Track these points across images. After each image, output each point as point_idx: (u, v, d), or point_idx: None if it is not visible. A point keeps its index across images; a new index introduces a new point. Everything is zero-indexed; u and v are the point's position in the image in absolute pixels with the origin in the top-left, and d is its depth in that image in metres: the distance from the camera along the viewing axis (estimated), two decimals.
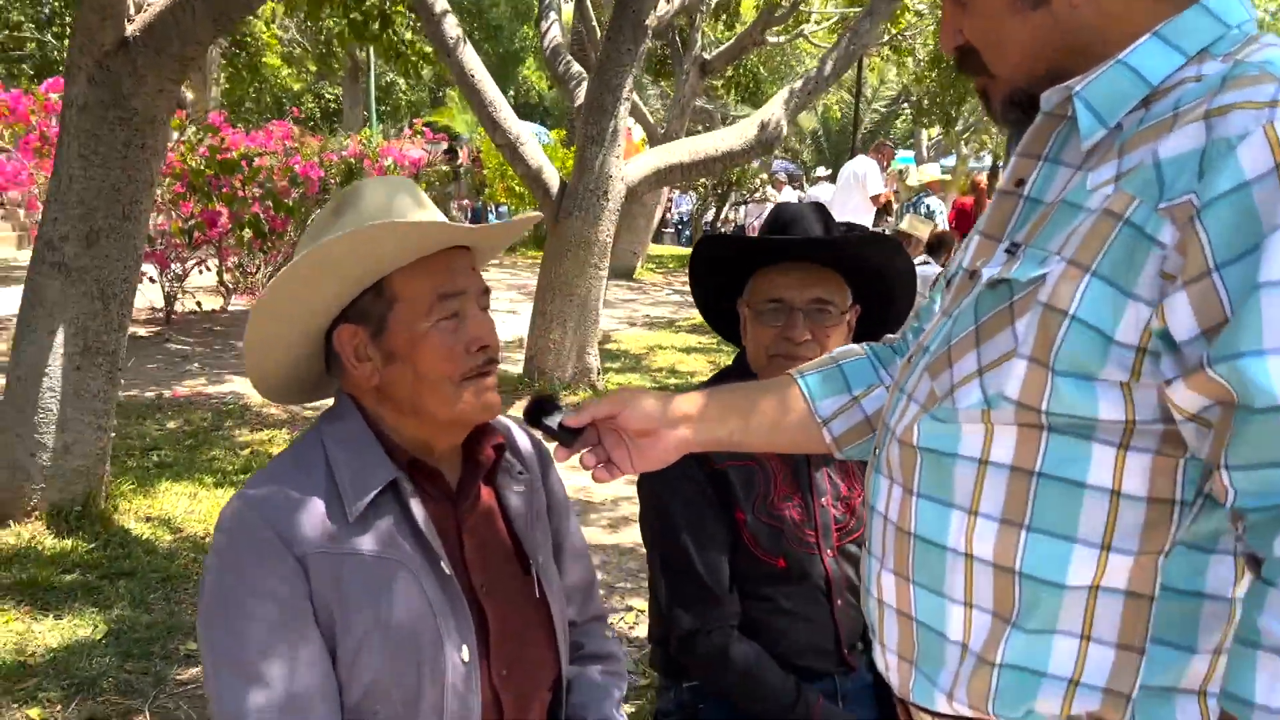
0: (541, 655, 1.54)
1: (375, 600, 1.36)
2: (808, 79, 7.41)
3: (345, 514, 1.37)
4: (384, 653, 1.35)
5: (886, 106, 26.02)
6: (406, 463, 1.44)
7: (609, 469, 1.37)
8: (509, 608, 1.49)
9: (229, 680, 1.31)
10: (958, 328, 1.08)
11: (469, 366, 1.41)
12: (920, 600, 1.10)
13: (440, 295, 1.39)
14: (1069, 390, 0.97)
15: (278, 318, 1.43)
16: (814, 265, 1.98)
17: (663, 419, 1.33)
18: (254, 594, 1.32)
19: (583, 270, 6.67)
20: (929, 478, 1.07)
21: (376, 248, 1.35)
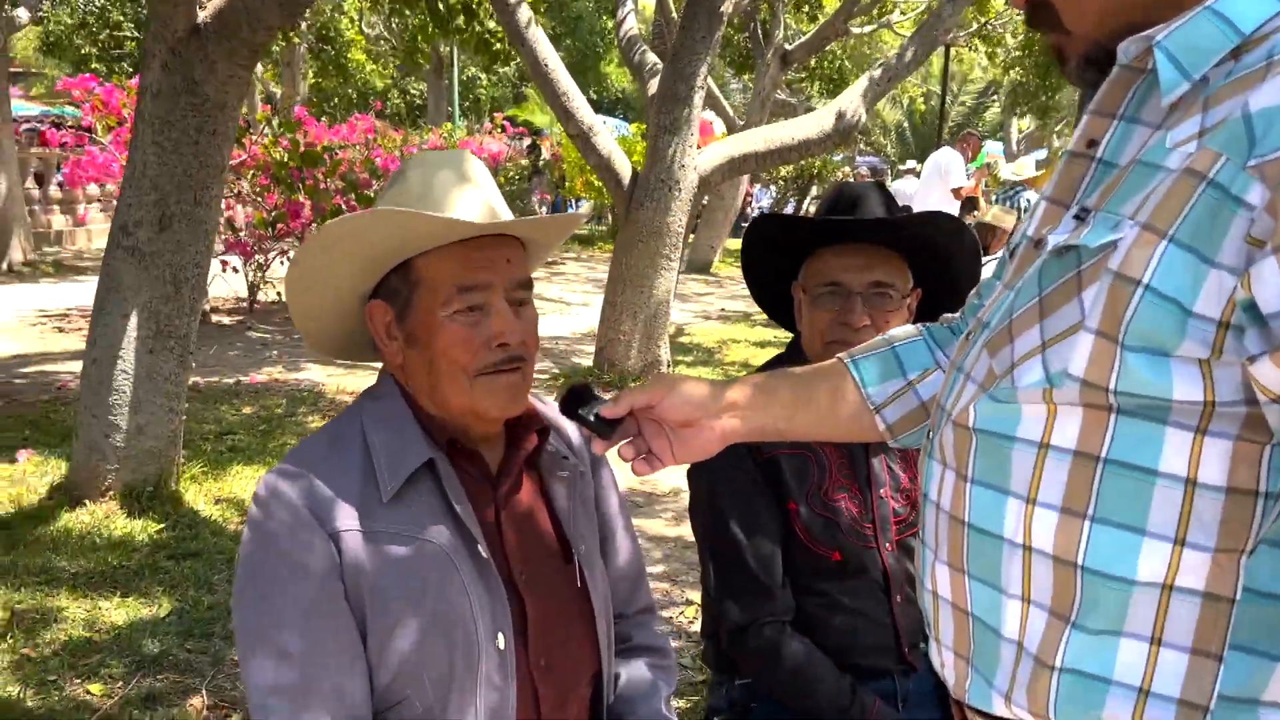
0: (582, 647, 1.49)
1: (408, 582, 1.32)
2: (887, 66, 7.22)
3: (380, 494, 1.34)
4: (416, 636, 1.31)
5: (975, 98, 25.39)
6: (445, 443, 1.40)
7: (649, 461, 1.30)
8: (549, 596, 1.45)
9: (257, 654, 1.29)
10: (1020, 300, 1.00)
11: (486, 362, 1.36)
12: (975, 594, 1.03)
13: (460, 287, 1.35)
14: (1140, 367, 0.89)
15: (307, 290, 1.42)
16: (874, 247, 1.89)
17: (705, 408, 1.27)
18: (285, 569, 1.30)
19: (653, 261, 6.60)
20: (985, 463, 1.00)
21: (381, 233, 1.32)
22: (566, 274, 13.71)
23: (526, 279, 1.43)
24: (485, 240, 1.37)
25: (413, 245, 1.35)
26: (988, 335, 1.04)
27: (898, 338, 1.36)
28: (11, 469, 4.74)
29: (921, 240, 1.90)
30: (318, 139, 8.98)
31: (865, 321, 1.84)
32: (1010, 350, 0.99)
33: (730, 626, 1.87)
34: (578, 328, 9.61)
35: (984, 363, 1.03)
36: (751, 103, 12.89)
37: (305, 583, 1.30)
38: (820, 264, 1.92)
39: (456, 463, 1.41)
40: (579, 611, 1.49)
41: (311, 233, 8.97)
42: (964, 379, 1.07)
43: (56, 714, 2.80)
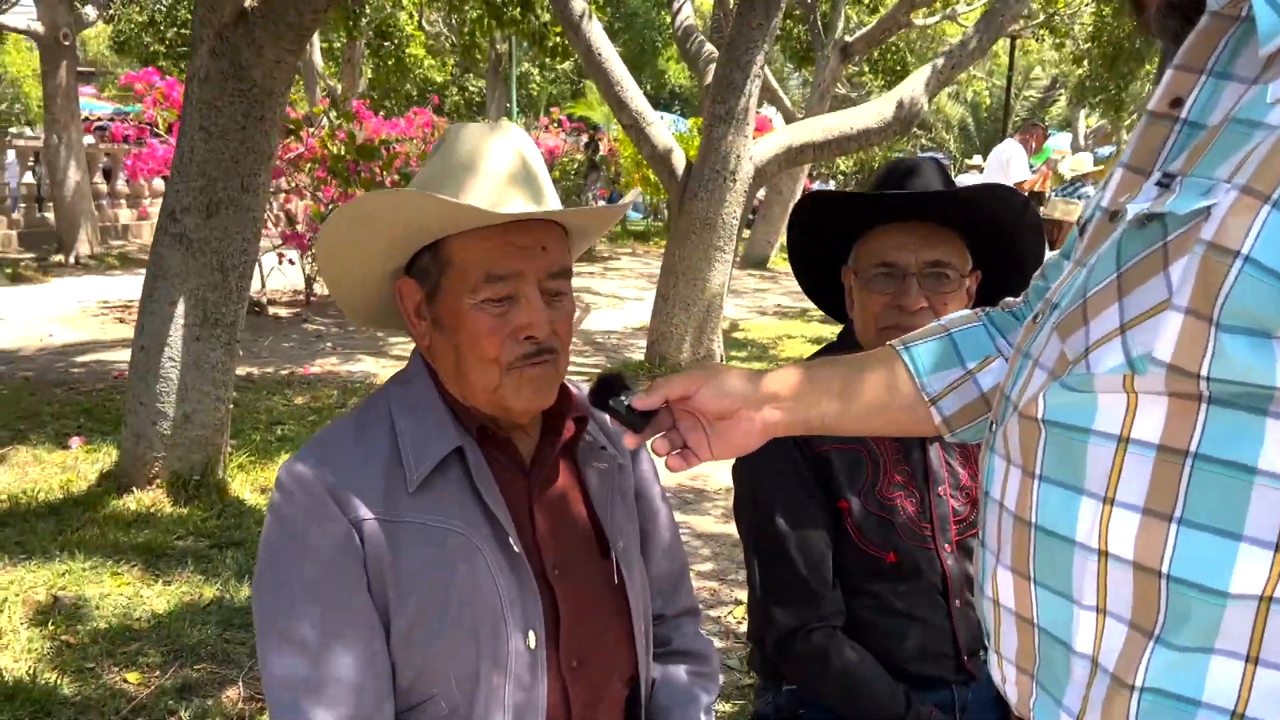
0: (617, 648, 1.41)
1: (434, 574, 1.26)
2: (951, 54, 7.02)
3: (406, 482, 1.28)
4: (441, 632, 1.26)
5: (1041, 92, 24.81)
6: (475, 430, 1.33)
7: (684, 456, 1.22)
8: (583, 593, 1.37)
9: (274, 645, 1.24)
10: (1095, 277, 0.91)
11: (514, 354, 1.29)
12: (1043, 603, 0.94)
13: (489, 275, 1.28)
14: (1238, 351, 0.79)
15: (337, 262, 1.37)
16: (930, 224, 1.77)
17: (745, 399, 1.18)
18: (304, 558, 1.25)
19: (707, 253, 6.48)
20: (1055, 458, 0.91)
21: (408, 214, 1.26)
22: (621, 269, 13.66)
23: (563, 268, 1.34)
24: (522, 225, 1.29)
25: (441, 228, 1.28)
26: (1058, 316, 0.95)
27: (954, 323, 1.27)
28: (64, 455, 4.78)
29: (982, 217, 1.78)
30: (375, 133, 9.01)
31: (922, 304, 1.72)
32: (1084, 333, 0.90)
33: (776, 631, 1.77)
34: (630, 322, 9.53)
35: (1054, 347, 0.94)
36: (810, 96, 12.71)
37: (324, 572, 1.24)
38: (873, 244, 1.80)
39: (487, 451, 1.34)
40: (615, 609, 1.41)
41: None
42: (1031, 365, 0.97)
43: (92, 703, 2.77)
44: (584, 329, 9.27)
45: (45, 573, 3.51)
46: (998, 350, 1.23)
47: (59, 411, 5.54)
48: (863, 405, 1.22)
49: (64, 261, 11.76)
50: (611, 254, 15.19)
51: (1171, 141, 0.92)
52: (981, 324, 1.26)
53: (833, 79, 12.36)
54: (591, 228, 1.46)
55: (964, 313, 1.29)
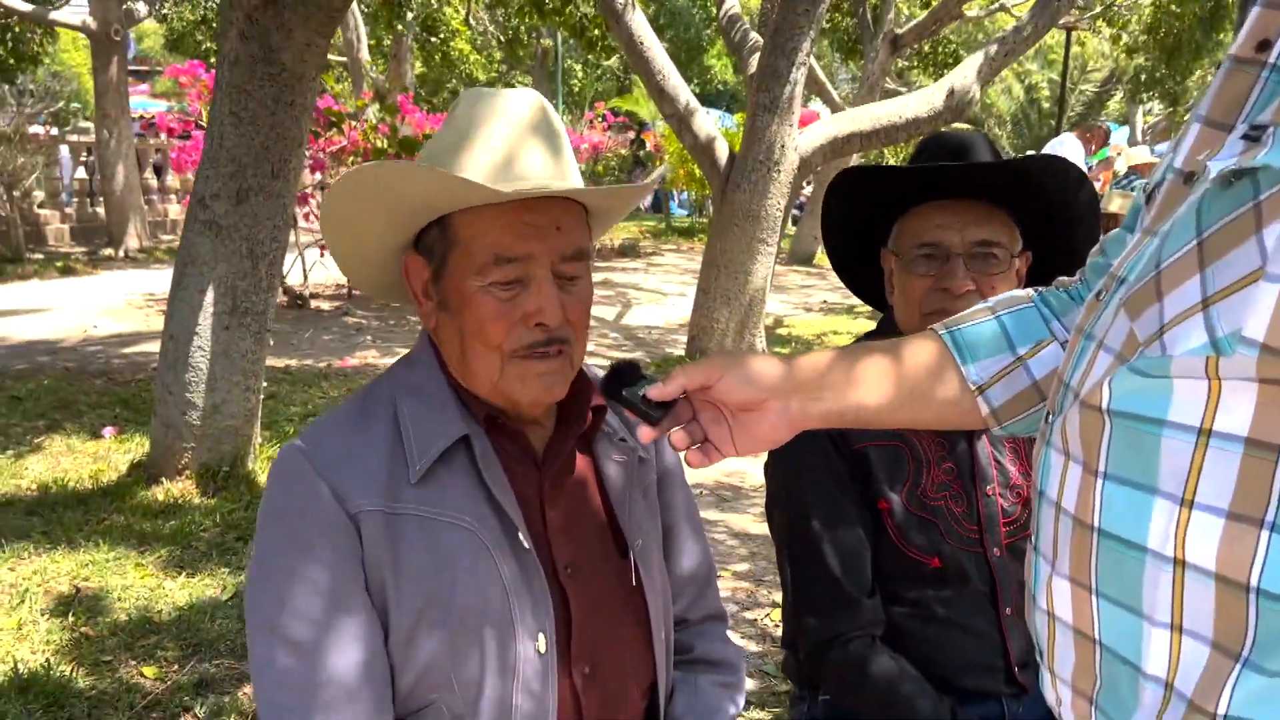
0: (634, 654, 1.33)
1: (436, 571, 1.18)
2: (1004, 41, 6.79)
3: (409, 472, 1.20)
4: (444, 633, 1.18)
5: (1098, 87, 24.23)
6: (483, 418, 1.25)
7: (706, 451, 1.12)
8: (597, 594, 1.29)
9: (264, 644, 1.17)
10: (1170, 246, 0.81)
11: (521, 343, 1.20)
12: (1106, 618, 0.85)
13: (497, 257, 1.18)
14: None
15: (340, 235, 1.29)
16: (976, 202, 1.63)
17: (771, 388, 1.08)
18: (299, 551, 1.17)
19: (750, 246, 6.32)
20: (1123, 453, 0.82)
21: (410, 189, 1.18)
22: (665, 265, 13.54)
23: (579, 249, 1.24)
24: (535, 203, 1.19)
25: (444, 204, 1.20)
26: (1126, 292, 0.85)
27: (1004, 304, 1.16)
28: (97, 445, 4.76)
29: (1033, 192, 1.64)
30: (419, 127, 8.96)
31: (968, 286, 1.59)
32: (1158, 309, 0.80)
33: (810, 640, 1.66)
34: (672, 318, 9.41)
35: (1122, 327, 0.84)
36: (859, 90, 12.49)
37: (319, 567, 1.16)
38: (915, 222, 1.67)
39: (496, 441, 1.26)
40: (632, 613, 1.33)
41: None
42: (1095, 348, 0.88)
43: (106, 697, 2.70)
44: (625, 324, 9.16)
45: (69, 563, 3.46)
46: (1052, 334, 1.12)
47: (96, 402, 5.54)
48: (901, 395, 1.11)
49: (113, 255, 11.90)
50: (656, 250, 15.08)
51: (1259, 90, 0.82)
52: (1034, 305, 1.15)
53: (882, 72, 12.14)
54: (614, 208, 1.35)
55: (1014, 293, 1.19)
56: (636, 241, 15.43)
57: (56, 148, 13.30)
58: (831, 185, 1.77)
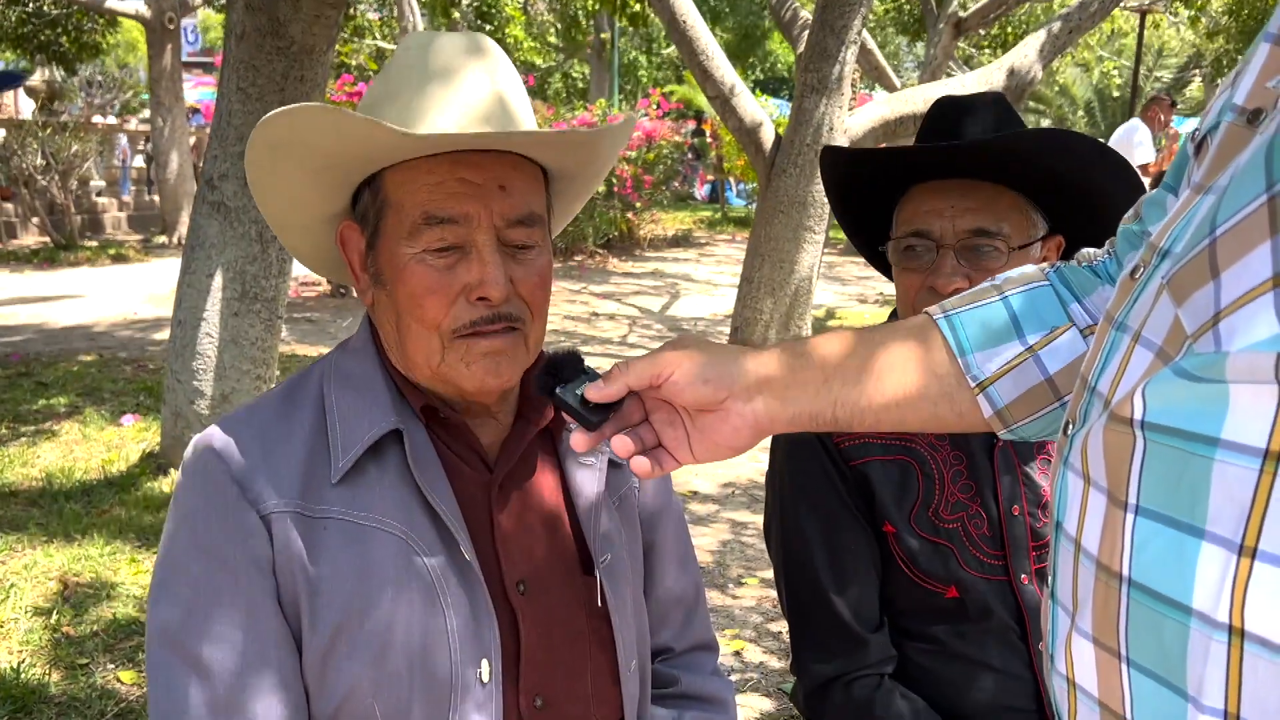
0: (598, 686, 1.16)
1: (357, 583, 1.03)
2: (1069, 18, 6.41)
3: (331, 472, 1.05)
4: (366, 656, 1.02)
5: (1175, 72, 23.34)
6: (421, 410, 1.10)
7: (657, 458, 0.95)
8: (554, 616, 1.13)
9: (162, 663, 1.03)
10: (1230, 204, 0.63)
11: (461, 320, 1.05)
12: (1140, 695, 0.67)
13: (427, 217, 1.04)
14: None
15: (270, 201, 1.14)
16: (978, 183, 1.41)
17: (731, 386, 0.92)
18: (200, 557, 1.03)
19: (795, 233, 6.05)
20: (1161, 481, 0.65)
21: (322, 138, 1.02)
22: (718, 255, 13.31)
23: (530, 213, 1.08)
24: (472, 157, 1.04)
25: (364, 156, 1.04)
26: (1171, 267, 0.68)
27: (1012, 283, 0.99)
28: (114, 433, 4.67)
29: (1039, 171, 1.39)
30: None
31: (958, 284, 1.38)
32: (1213, 290, 0.63)
33: (810, 681, 1.49)
34: (719, 310, 9.17)
35: (1165, 313, 0.68)
36: (922, 74, 12.10)
37: (224, 576, 1.02)
38: (909, 208, 1.47)
39: (438, 437, 1.12)
40: (595, 639, 1.16)
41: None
42: (1130, 342, 0.72)
43: (77, 702, 2.56)
44: (671, 315, 8.94)
45: (62, 558, 3.35)
46: (1070, 318, 0.95)
47: (121, 389, 5.48)
48: (887, 393, 0.94)
49: (166, 243, 12.01)
50: (710, 240, 14.87)
51: None
52: (1049, 284, 0.98)
53: (945, 56, 11.74)
54: (577, 171, 1.16)
55: (1026, 269, 1.01)
56: (690, 232, 15.21)
57: (115, 136, 13.48)
58: (821, 167, 1.56)
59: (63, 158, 11.28)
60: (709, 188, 20.98)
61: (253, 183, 1.12)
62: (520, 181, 1.07)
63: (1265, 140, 0.62)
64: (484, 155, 1.05)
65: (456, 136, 1.01)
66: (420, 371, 1.10)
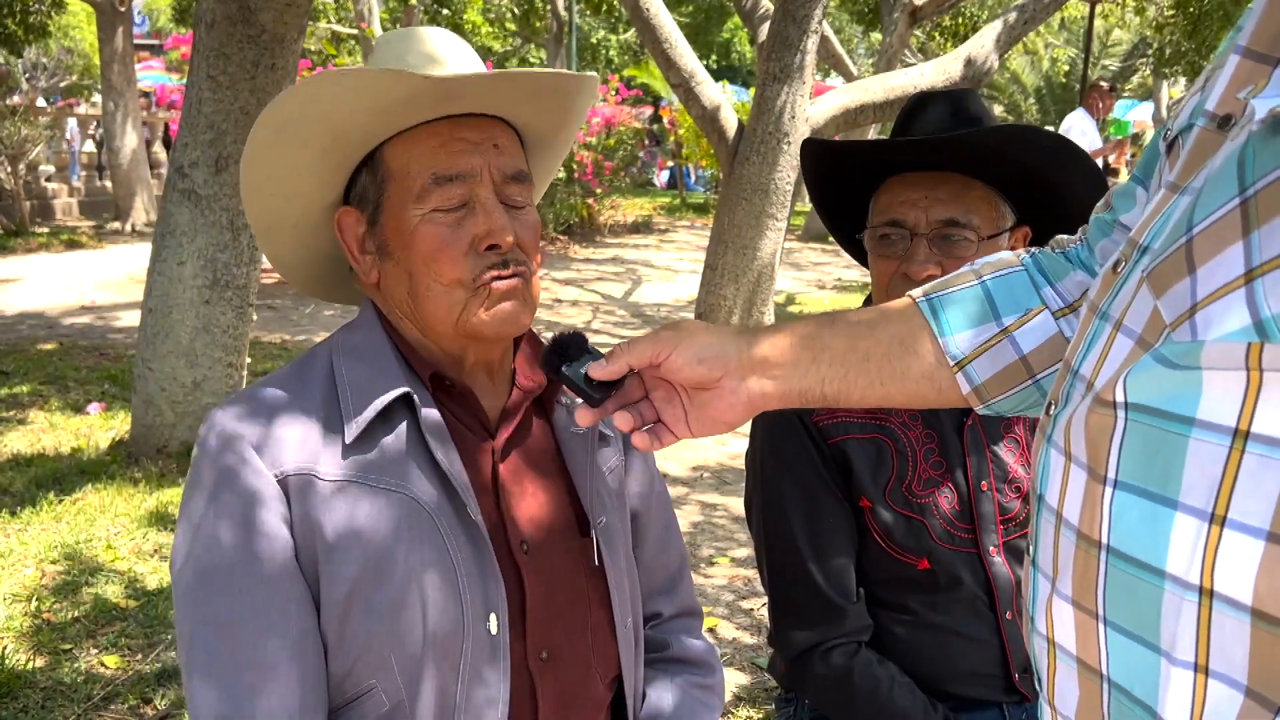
0: (597, 641, 1.23)
1: (374, 540, 1.09)
2: (1024, 8, 6.55)
3: (344, 435, 1.11)
4: (381, 610, 1.08)
5: (1121, 61, 23.77)
6: (429, 378, 1.17)
7: (657, 433, 1.03)
8: (556, 574, 1.20)
9: (188, 625, 1.08)
10: (1206, 205, 0.69)
11: (475, 270, 1.12)
12: (1116, 651, 0.73)
13: (435, 177, 1.12)
14: None
15: (263, 194, 1.19)
16: (949, 175, 1.50)
17: (726, 365, 0.99)
18: (221, 520, 1.08)
19: (758, 220, 6.14)
20: (1139, 457, 0.71)
21: (333, 105, 1.08)
22: (678, 242, 13.38)
23: (520, 171, 1.17)
24: (467, 120, 1.14)
25: (376, 122, 1.11)
26: (1151, 262, 0.73)
27: (990, 267, 1.06)
28: (81, 421, 4.65)
29: (1012, 166, 1.48)
30: None
31: (930, 271, 1.47)
32: (1190, 283, 0.69)
33: (791, 649, 1.56)
34: (682, 295, 9.26)
35: (1145, 304, 0.73)
36: (878, 63, 12.23)
37: (245, 536, 1.07)
38: (884, 198, 1.55)
39: (444, 405, 1.18)
40: (595, 596, 1.23)
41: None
42: (1111, 330, 0.77)
43: (63, 687, 2.58)
44: (633, 301, 9.01)
45: (38, 545, 3.35)
46: (1043, 301, 1.02)
47: (85, 377, 5.43)
48: (873, 371, 1.01)
49: (120, 229, 11.82)
50: (670, 226, 14.93)
51: None
52: (1024, 269, 1.05)
53: (900, 45, 11.87)
54: (549, 133, 1.27)
55: (1002, 255, 1.08)
56: (650, 218, 15.28)
57: (64, 121, 13.22)
58: (801, 159, 1.65)
59: (12, 143, 11.06)
60: (668, 174, 21.04)
61: (247, 177, 1.17)
62: (508, 140, 1.16)
63: (1237, 147, 0.69)
64: (476, 118, 1.14)
65: (477, 76, 1.09)
66: (441, 328, 1.16)
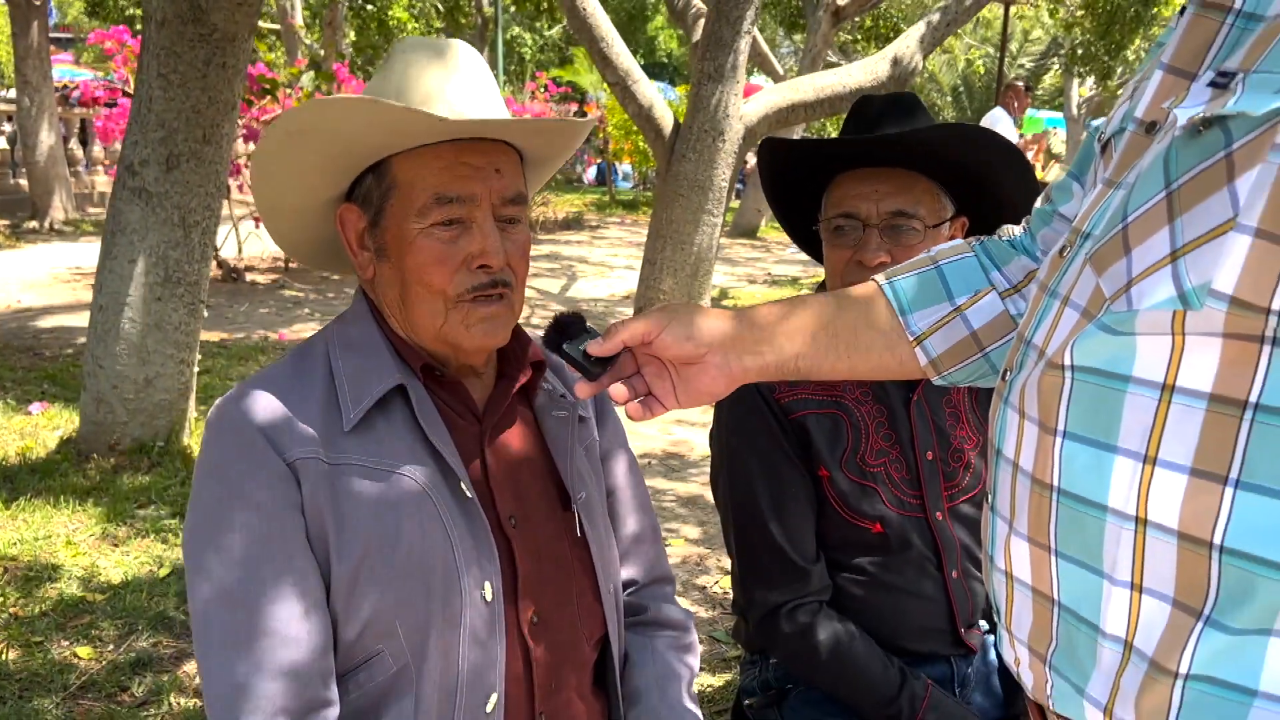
0: (582, 606, 1.33)
1: (378, 517, 1.17)
2: (946, 10, 6.81)
3: (343, 422, 1.20)
4: (387, 582, 1.16)
5: (1035, 60, 24.52)
6: (420, 369, 1.25)
7: (648, 405, 1.13)
8: (543, 546, 1.29)
9: (205, 600, 1.15)
10: (1138, 198, 0.80)
11: (465, 286, 1.21)
12: (1066, 578, 0.85)
13: (438, 197, 1.19)
14: None
15: (272, 185, 1.26)
16: (896, 170, 1.63)
17: (711, 342, 1.09)
18: (234, 502, 1.16)
19: (695, 216, 6.28)
20: (1083, 411, 0.81)
21: (351, 125, 1.15)
22: (610, 238, 13.47)
23: (518, 193, 1.25)
24: (474, 145, 1.20)
25: (387, 142, 1.18)
26: (1092, 247, 0.84)
27: (944, 254, 1.17)
28: (24, 421, 4.59)
29: (948, 161, 1.63)
30: None
31: (881, 258, 1.60)
32: (1126, 263, 0.79)
33: (759, 609, 1.67)
34: (617, 290, 9.37)
35: (1088, 282, 0.83)
36: (802, 62, 12.46)
37: (258, 517, 1.15)
38: (837, 192, 1.68)
39: (435, 392, 1.27)
40: (580, 565, 1.33)
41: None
42: (1060, 305, 0.87)
43: (39, 677, 2.61)
44: (570, 296, 9.09)
45: None
46: (991, 284, 1.13)
47: (22, 377, 5.35)
48: (841, 347, 1.13)
49: (38, 228, 11.49)
50: (601, 223, 15.01)
51: (1223, 36, 0.81)
52: (974, 254, 1.16)
53: (824, 44, 12.11)
54: (549, 156, 1.35)
55: (955, 242, 1.21)
56: (581, 214, 15.33)
57: None
58: (759, 157, 1.77)
59: None
60: (595, 171, 21.09)
61: (258, 167, 1.24)
62: (509, 165, 1.24)
63: (1163, 149, 0.79)
64: (482, 142, 1.21)
65: (477, 120, 1.17)
66: (424, 333, 1.24)
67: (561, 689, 1.28)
